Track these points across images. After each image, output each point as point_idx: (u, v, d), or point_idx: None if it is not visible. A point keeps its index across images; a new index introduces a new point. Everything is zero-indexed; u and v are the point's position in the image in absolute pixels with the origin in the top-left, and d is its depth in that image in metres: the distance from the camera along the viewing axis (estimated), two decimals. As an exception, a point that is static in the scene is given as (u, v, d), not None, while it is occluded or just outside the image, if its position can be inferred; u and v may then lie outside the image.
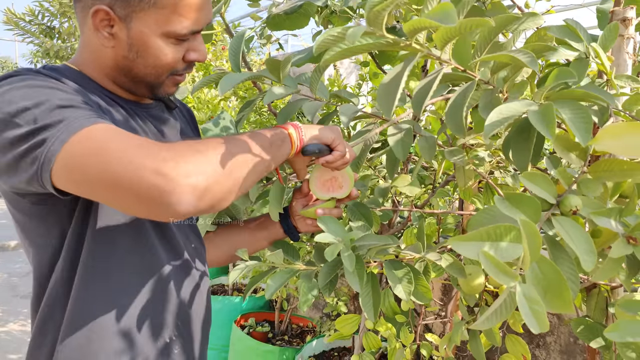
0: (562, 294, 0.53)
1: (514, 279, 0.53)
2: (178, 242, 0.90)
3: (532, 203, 0.60)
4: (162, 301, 0.85)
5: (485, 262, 0.52)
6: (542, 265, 0.53)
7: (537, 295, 0.52)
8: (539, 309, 0.51)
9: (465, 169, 0.98)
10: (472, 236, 0.54)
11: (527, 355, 1.31)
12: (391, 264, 0.84)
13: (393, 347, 1.54)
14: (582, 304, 1.18)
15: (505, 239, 0.56)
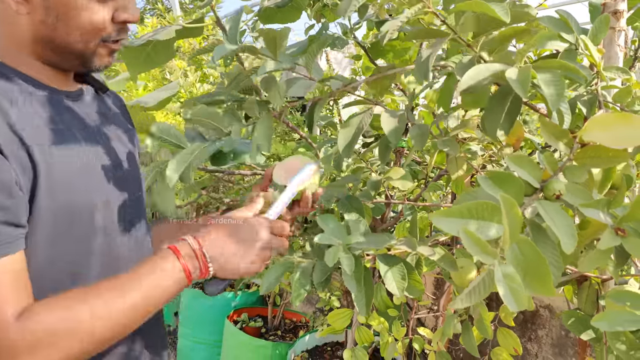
0: (543, 276, 0.53)
1: (494, 257, 0.53)
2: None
3: (516, 183, 0.60)
4: None
5: (465, 239, 0.52)
6: (523, 246, 0.53)
7: (515, 274, 0.52)
8: (516, 287, 0.51)
9: (456, 158, 0.98)
10: (453, 211, 0.54)
11: (518, 348, 1.31)
12: (384, 258, 0.84)
13: (385, 341, 1.55)
14: (573, 296, 1.19)
15: (486, 217, 0.56)
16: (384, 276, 0.79)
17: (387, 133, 0.69)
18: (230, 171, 1.76)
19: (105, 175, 0.81)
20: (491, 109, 0.64)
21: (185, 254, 0.73)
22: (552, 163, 0.67)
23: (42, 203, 0.70)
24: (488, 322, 1.15)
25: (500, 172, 0.63)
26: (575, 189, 0.63)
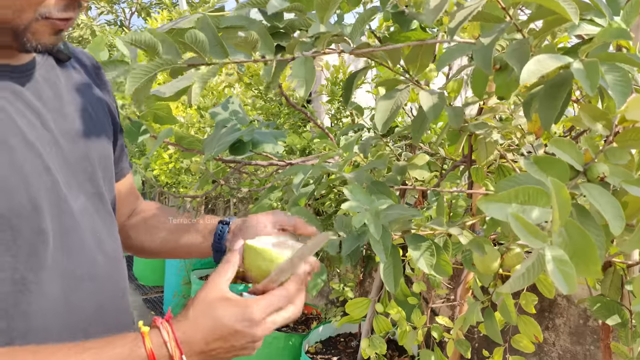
0: (591, 258, 0.53)
1: (544, 241, 0.53)
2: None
3: (561, 166, 0.60)
4: None
5: (514, 223, 0.52)
6: (570, 230, 0.53)
7: (565, 256, 0.52)
8: (568, 270, 0.51)
9: (486, 142, 0.98)
10: (501, 197, 0.54)
11: (539, 335, 1.32)
12: (412, 237, 0.84)
13: (404, 330, 1.55)
14: (597, 283, 1.19)
15: (534, 202, 0.56)
16: (412, 254, 0.80)
17: (426, 109, 0.69)
18: (247, 161, 1.76)
19: (52, 169, 0.68)
20: (548, 101, 0.64)
21: (157, 353, 0.62)
22: (593, 146, 0.67)
23: None
24: (512, 307, 1.16)
25: (545, 156, 0.64)
26: (618, 171, 0.64)
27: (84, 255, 0.71)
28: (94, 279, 0.72)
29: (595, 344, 1.49)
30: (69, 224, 0.70)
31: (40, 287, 0.65)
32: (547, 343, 1.65)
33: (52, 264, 0.67)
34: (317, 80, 4.38)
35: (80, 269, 0.70)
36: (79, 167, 0.74)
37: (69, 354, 0.59)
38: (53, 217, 0.67)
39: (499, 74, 0.79)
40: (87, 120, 0.77)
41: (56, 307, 0.67)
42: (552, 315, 1.62)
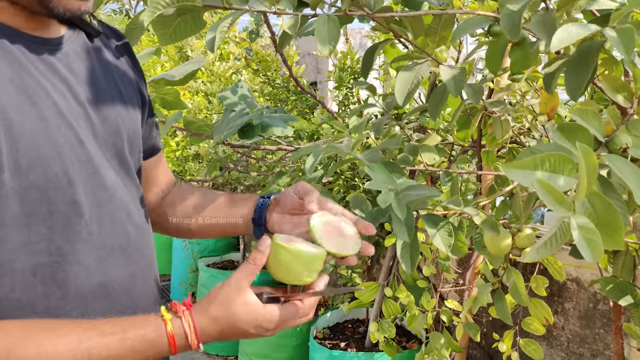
0: (614, 229, 0.52)
1: (569, 209, 0.52)
2: None
3: (586, 134, 0.60)
4: None
5: (540, 190, 0.51)
6: (594, 200, 0.53)
7: (590, 224, 0.51)
8: (593, 237, 0.50)
9: (502, 121, 0.97)
10: (526, 163, 0.54)
11: (549, 318, 1.32)
12: (430, 217, 0.84)
13: (413, 314, 1.55)
14: (608, 265, 1.19)
15: (559, 169, 0.55)
16: (430, 232, 0.80)
17: (448, 84, 0.68)
18: (255, 146, 1.76)
19: (85, 142, 0.70)
20: (575, 70, 0.63)
21: (179, 343, 0.65)
22: (615, 117, 0.66)
23: (6, 180, 0.62)
24: (523, 289, 1.15)
25: (571, 123, 0.63)
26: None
27: (115, 227, 0.73)
28: (125, 249, 0.75)
29: (604, 327, 1.49)
30: (101, 197, 0.72)
31: (76, 257, 0.68)
32: (556, 327, 1.65)
33: (87, 235, 0.69)
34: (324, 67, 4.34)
35: (112, 240, 0.73)
36: (109, 142, 0.75)
37: (89, 336, 0.61)
38: (86, 190, 0.69)
39: (516, 48, 0.78)
40: (116, 96, 0.78)
41: (91, 276, 0.70)
42: (561, 299, 1.62)
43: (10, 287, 0.64)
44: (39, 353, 0.58)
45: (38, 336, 0.59)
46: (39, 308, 0.66)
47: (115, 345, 0.61)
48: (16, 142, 0.62)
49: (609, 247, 0.54)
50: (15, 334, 0.59)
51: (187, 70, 1.67)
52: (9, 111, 0.62)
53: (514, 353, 1.37)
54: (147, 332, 0.63)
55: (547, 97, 1.19)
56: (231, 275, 0.69)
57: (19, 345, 0.58)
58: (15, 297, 0.64)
